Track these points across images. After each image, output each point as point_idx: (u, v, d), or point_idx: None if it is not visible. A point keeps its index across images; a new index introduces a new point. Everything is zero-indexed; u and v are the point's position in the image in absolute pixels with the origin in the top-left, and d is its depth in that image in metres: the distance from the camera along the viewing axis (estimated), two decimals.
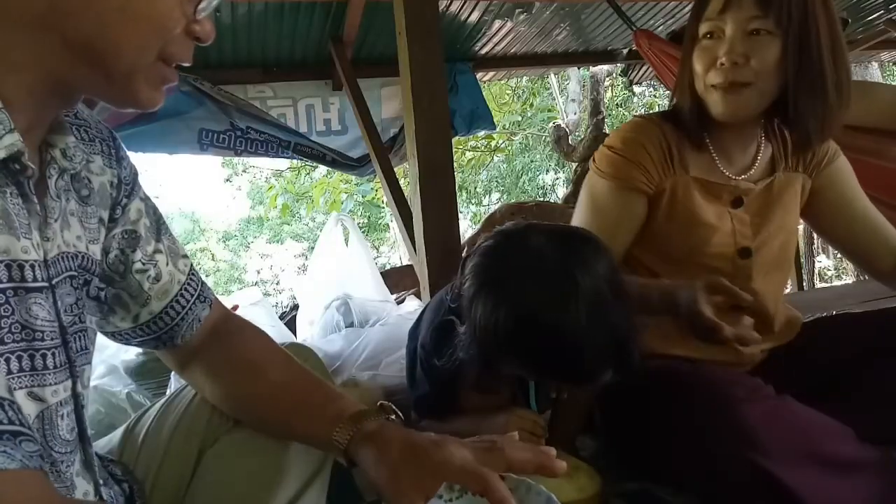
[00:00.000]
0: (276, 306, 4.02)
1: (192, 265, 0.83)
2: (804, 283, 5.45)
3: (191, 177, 17.12)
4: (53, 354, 0.62)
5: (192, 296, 0.81)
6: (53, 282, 0.62)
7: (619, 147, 1.13)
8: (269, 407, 0.79)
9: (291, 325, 2.66)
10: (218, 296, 0.88)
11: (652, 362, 1.05)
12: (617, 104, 9.03)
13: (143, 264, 0.77)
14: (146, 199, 0.80)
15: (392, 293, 2.70)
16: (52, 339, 0.61)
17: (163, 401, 0.87)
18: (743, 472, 0.86)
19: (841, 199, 1.18)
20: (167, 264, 0.79)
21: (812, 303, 2.08)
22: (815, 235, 7.52)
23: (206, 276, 11.86)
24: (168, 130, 3.31)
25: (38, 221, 0.61)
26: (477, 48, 3.88)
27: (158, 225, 0.80)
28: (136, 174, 0.78)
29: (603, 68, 7.30)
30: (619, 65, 5.00)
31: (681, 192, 1.12)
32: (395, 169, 3.33)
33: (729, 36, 1.02)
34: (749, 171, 1.14)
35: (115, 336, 0.81)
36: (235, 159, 9.48)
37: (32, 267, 0.59)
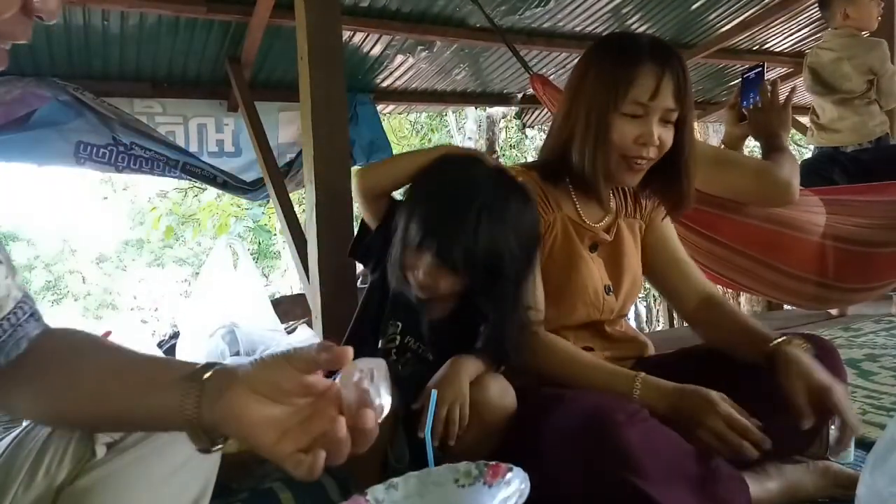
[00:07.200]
0: (153, 334, 3.77)
1: (25, 286, 0.75)
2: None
3: (63, 193, 15.73)
4: None
5: (26, 313, 0.73)
6: None
7: None
8: (98, 398, 0.69)
9: (171, 353, 2.51)
10: (89, 321, 0.81)
11: (531, 393, 1.13)
12: (511, 145, 9.38)
13: None
14: None
15: (282, 322, 2.62)
16: None
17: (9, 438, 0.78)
18: (624, 495, 0.93)
19: (661, 243, 1.38)
20: (6, 277, 0.70)
21: None
22: None
23: (75, 300, 10.93)
24: (40, 140, 3.06)
25: None
26: (378, 80, 3.92)
27: None
28: None
29: (499, 110, 7.60)
30: (514, 108, 5.23)
31: (560, 227, 1.26)
32: (291, 195, 3.26)
33: (655, 121, 1.17)
34: (603, 220, 1.31)
35: None
36: (115, 176, 8.90)
37: None
